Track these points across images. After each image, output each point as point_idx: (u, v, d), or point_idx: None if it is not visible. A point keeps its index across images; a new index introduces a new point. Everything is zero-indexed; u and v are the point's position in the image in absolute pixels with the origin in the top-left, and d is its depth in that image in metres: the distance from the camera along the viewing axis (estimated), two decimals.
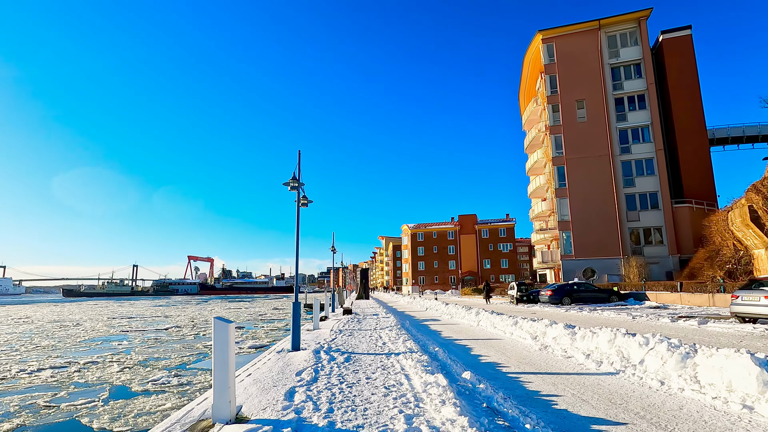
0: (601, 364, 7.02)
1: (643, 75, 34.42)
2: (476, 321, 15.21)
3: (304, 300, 62.30)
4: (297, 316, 8.66)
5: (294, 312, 8.66)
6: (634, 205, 33.33)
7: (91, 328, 29.53)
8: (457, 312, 18.74)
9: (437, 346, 9.66)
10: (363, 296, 45.69)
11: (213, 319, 4.22)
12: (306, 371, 6.28)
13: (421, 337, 11.37)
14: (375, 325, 14.46)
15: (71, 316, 41.72)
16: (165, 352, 17.84)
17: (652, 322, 13.44)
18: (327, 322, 15.87)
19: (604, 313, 16.99)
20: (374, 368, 6.59)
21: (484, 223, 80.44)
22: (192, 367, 14.66)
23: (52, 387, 11.68)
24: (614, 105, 34.83)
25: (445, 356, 8.14)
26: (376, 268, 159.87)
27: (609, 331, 7.62)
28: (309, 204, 9.98)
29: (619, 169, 33.89)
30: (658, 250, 32.07)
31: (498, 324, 13.06)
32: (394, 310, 25.91)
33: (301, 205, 9.97)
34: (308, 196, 10.14)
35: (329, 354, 7.90)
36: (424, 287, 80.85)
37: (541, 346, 9.20)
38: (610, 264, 32.49)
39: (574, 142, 35.12)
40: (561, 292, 22.77)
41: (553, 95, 36.66)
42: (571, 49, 36.33)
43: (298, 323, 8.73)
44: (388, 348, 8.77)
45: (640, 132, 34.10)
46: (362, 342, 9.89)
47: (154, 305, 65.85)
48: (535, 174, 46.16)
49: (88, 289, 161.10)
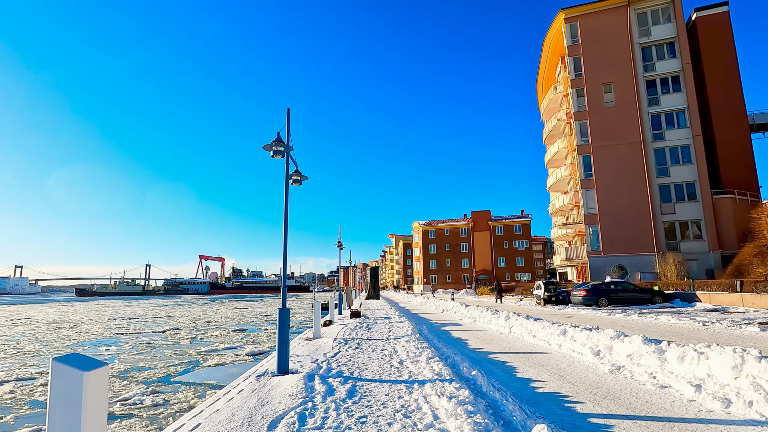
0: (730, 405, 4.67)
1: (678, 54, 31.47)
2: (507, 327, 12.85)
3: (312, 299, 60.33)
4: (285, 328, 6.44)
5: (281, 322, 6.44)
6: (668, 196, 30.44)
7: (86, 331, 27.90)
8: (481, 315, 16.38)
9: (470, 363, 7.40)
10: (373, 296, 43.60)
11: (51, 362, 1.99)
12: (286, 420, 4.04)
13: (446, 351, 9.09)
14: (387, 332, 12.20)
15: (73, 317, 40.45)
16: (152, 360, 15.86)
17: (734, 331, 10.91)
18: (331, 327, 13.66)
19: (659, 317, 14.45)
20: (391, 412, 4.35)
21: (499, 220, 77.54)
22: (176, 380, 12.58)
23: (1, 408, 9.71)
24: (645, 88, 31.92)
25: (487, 384, 5.87)
26: (386, 267, 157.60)
27: (730, 352, 5.24)
28: (303, 182, 7.75)
29: (651, 158, 31.02)
30: (696, 246, 29.18)
31: (538, 332, 10.70)
32: (407, 312, 23.64)
33: (292, 180, 7.75)
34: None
35: (326, 382, 5.67)
36: (436, 286, 78.32)
37: (612, 367, 6.86)
38: (642, 261, 29.69)
39: (601, 128, 32.32)
40: (597, 292, 20.22)
41: (577, 78, 33.89)
42: (596, 28, 33.51)
43: (286, 337, 6.50)
44: (408, 370, 6.50)
45: (675, 117, 31.17)
46: (372, 360, 7.64)
47: (161, 305, 64.68)
48: (554, 166, 43.40)
49: (100, 289, 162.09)
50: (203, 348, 18.40)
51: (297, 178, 7.72)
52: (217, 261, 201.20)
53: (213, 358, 15.71)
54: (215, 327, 28.86)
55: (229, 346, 18.71)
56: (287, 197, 6.85)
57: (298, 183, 7.76)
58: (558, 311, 18.86)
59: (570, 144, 37.74)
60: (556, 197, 42.49)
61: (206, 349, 18.11)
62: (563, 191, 41.82)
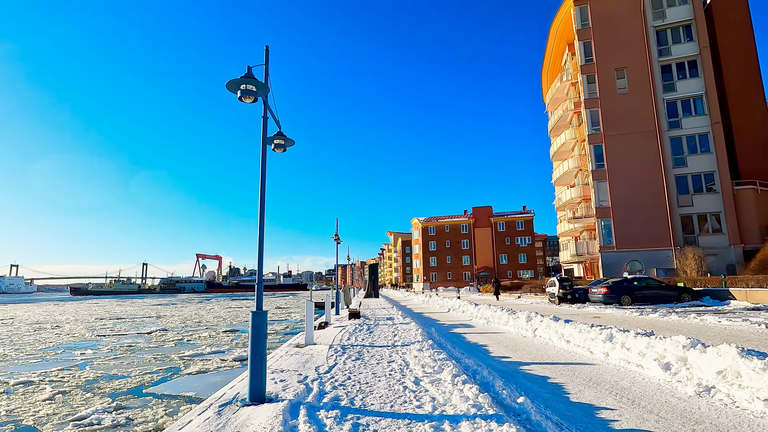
0: None
1: (695, 38, 29.73)
2: (529, 329, 11.13)
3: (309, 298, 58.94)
4: (260, 338, 4.67)
5: (254, 331, 4.67)
6: (686, 188, 28.75)
7: (68, 332, 26.13)
8: (495, 315, 14.65)
9: (503, 381, 5.69)
10: (372, 294, 41.93)
11: None
12: None
13: (467, 361, 7.35)
14: (393, 336, 10.47)
15: (59, 317, 38.65)
16: (128, 367, 14.10)
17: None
18: (327, 330, 11.91)
19: (705, 318, 12.63)
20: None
21: (500, 216, 75.83)
22: (149, 391, 10.82)
23: None
24: (660, 73, 30.19)
25: (541, 417, 4.15)
26: (384, 265, 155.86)
27: None
28: (287, 148, 5.99)
29: (667, 147, 29.31)
30: (715, 240, 27.51)
31: (572, 336, 8.98)
32: (410, 312, 21.91)
33: (274, 145, 5.99)
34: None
35: (316, 419, 3.94)
36: (436, 284, 76.62)
37: (698, 388, 5.14)
38: (658, 256, 28.02)
39: (613, 116, 30.59)
40: (619, 289, 18.49)
41: (588, 64, 32.13)
42: (608, 10, 31.74)
43: (263, 350, 4.73)
44: (429, 396, 4.76)
45: (692, 103, 29.45)
46: (378, 377, 5.90)
47: (154, 304, 62.91)
48: (560, 159, 41.73)
49: (95, 288, 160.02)
50: (188, 352, 16.69)
51: (280, 142, 5.95)
52: (214, 259, 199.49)
53: (196, 364, 13.98)
54: (205, 328, 27.16)
55: (216, 349, 16.99)
56: (264, 165, 5.08)
57: (281, 149, 5.99)
58: (578, 310, 17.16)
59: (579, 134, 36.04)
60: (562, 191, 40.83)
61: (191, 353, 16.40)
62: (570, 185, 40.15)
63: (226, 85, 4.30)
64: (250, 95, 4.37)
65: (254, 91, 4.36)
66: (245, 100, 4.40)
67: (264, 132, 5.11)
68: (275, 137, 5.91)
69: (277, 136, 5.91)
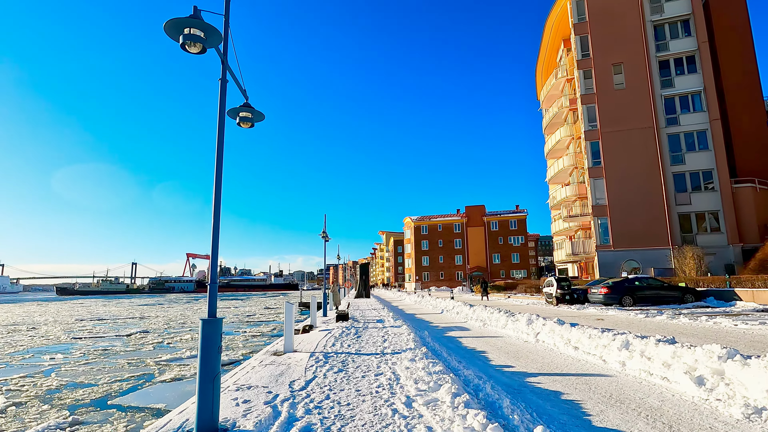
0: None
1: (693, 33, 29.16)
2: (531, 333, 10.26)
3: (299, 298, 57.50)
4: (211, 354, 3.69)
5: (204, 343, 3.70)
6: (683, 185, 28.16)
7: (43, 334, 24.84)
8: (492, 317, 13.77)
9: (511, 399, 4.79)
10: (363, 294, 40.98)
11: None
12: None
13: (466, 373, 6.43)
14: (382, 342, 9.52)
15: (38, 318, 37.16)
16: (98, 373, 13.01)
17: None
18: (311, 335, 10.93)
19: (718, 321, 11.87)
20: None
21: (493, 215, 75.23)
22: (115, 402, 9.77)
23: None
24: (658, 69, 29.58)
25: None
26: (376, 265, 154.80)
27: None
28: (255, 122, 5.03)
29: (665, 144, 28.70)
30: (714, 239, 26.96)
31: (581, 342, 8.11)
32: (402, 313, 21.00)
33: (239, 119, 5.03)
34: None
35: None
36: (429, 284, 75.83)
37: (747, 410, 4.28)
38: (656, 255, 27.40)
39: (610, 112, 29.93)
40: (620, 289, 17.73)
41: (584, 59, 31.45)
42: (605, 4, 31.07)
43: (215, 368, 3.74)
44: (425, 422, 3.83)
45: (690, 100, 28.88)
46: (363, 396, 4.94)
47: (140, 304, 61.33)
48: (555, 156, 41.11)
49: (82, 287, 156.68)
50: (165, 356, 15.62)
51: (246, 114, 4.96)
52: (204, 259, 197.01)
53: (173, 370, 12.93)
54: (189, 329, 26.03)
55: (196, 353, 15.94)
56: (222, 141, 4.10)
57: (248, 123, 4.99)
58: (578, 312, 16.36)
59: (574, 131, 35.40)
60: (556, 189, 40.19)
61: (168, 357, 15.34)
62: (565, 183, 39.53)
63: (164, 28, 3.31)
64: (197, 42, 3.38)
65: (201, 37, 3.38)
66: (190, 49, 3.42)
67: (222, 98, 4.12)
68: (241, 109, 4.93)
69: (243, 108, 4.92)
